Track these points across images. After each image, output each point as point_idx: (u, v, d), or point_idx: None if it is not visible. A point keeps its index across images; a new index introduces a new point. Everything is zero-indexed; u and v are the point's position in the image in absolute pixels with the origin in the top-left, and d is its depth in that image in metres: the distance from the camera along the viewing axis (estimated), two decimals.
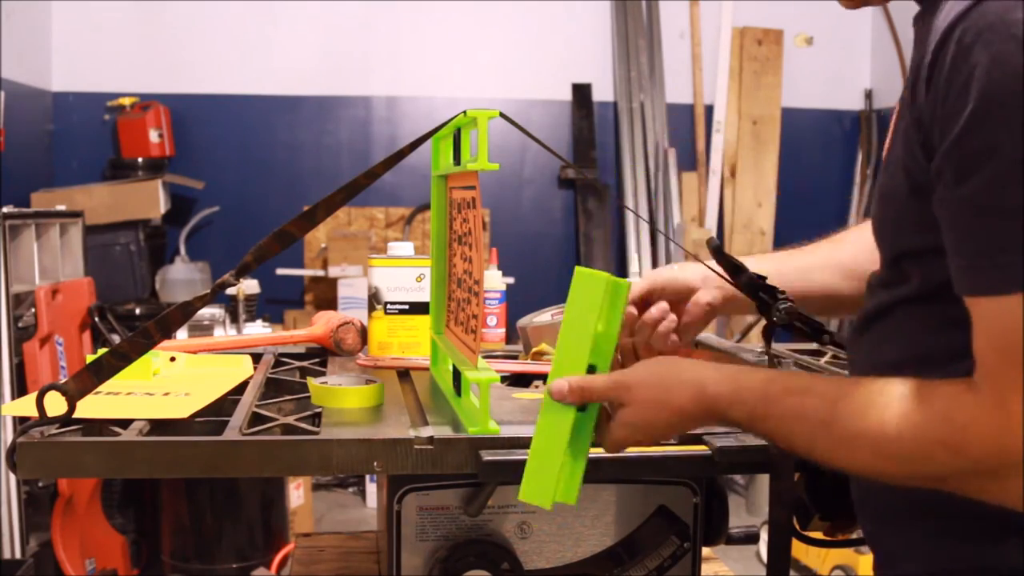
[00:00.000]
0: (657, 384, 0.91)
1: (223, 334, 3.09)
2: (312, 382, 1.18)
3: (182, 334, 2.80)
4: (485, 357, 1.43)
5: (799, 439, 0.84)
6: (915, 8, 0.88)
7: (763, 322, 1.27)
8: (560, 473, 0.92)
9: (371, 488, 4.36)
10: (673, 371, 0.92)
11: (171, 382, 1.25)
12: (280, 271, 4.64)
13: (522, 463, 0.96)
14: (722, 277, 1.18)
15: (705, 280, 1.17)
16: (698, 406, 0.90)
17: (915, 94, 0.78)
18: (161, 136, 4.61)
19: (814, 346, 1.38)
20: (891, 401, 0.78)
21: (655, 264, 4.92)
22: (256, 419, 1.08)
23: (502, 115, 1.06)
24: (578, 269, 0.96)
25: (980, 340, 0.74)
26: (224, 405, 1.17)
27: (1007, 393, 0.71)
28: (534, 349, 1.47)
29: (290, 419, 1.07)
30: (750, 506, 4.26)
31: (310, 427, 1.04)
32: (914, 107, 0.78)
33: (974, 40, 0.71)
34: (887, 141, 0.93)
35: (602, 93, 5.12)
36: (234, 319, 3.21)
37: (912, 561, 0.88)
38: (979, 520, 0.82)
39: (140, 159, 4.57)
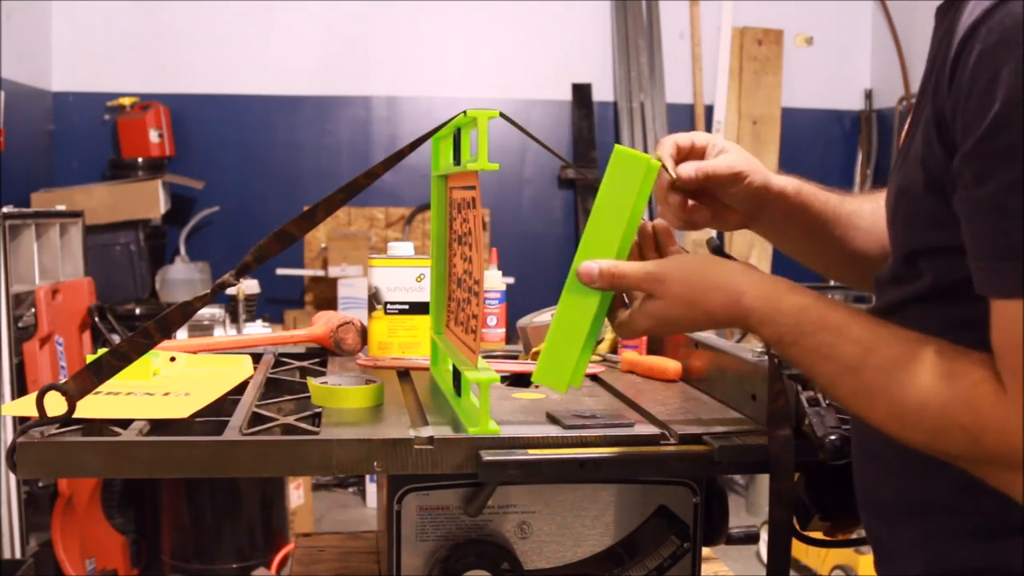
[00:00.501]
0: (692, 283, 0.91)
1: (223, 334, 3.09)
2: (312, 382, 1.18)
3: (182, 334, 2.80)
4: (485, 357, 1.43)
5: (822, 376, 0.85)
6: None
7: None
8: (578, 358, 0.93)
9: (371, 488, 4.36)
10: (709, 272, 0.91)
11: (171, 382, 1.25)
12: (280, 271, 4.64)
13: (522, 463, 0.96)
14: None
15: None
16: (728, 314, 0.89)
17: (936, 89, 0.78)
18: (161, 136, 4.61)
19: None
20: (921, 368, 0.77)
21: None
22: (256, 419, 1.08)
23: (502, 115, 1.06)
24: (617, 148, 0.95)
25: (999, 338, 0.74)
26: (224, 405, 1.17)
27: None
28: (534, 349, 1.47)
29: (290, 419, 1.07)
30: (750, 506, 4.26)
31: (310, 427, 1.04)
32: (935, 103, 0.78)
33: (999, 40, 0.71)
34: (902, 136, 0.92)
35: (602, 93, 5.12)
36: (234, 319, 3.21)
37: (912, 560, 0.88)
38: (980, 520, 0.81)
39: (140, 159, 4.57)
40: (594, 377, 1.35)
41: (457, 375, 1.12)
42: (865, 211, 1.11)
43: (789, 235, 1.13)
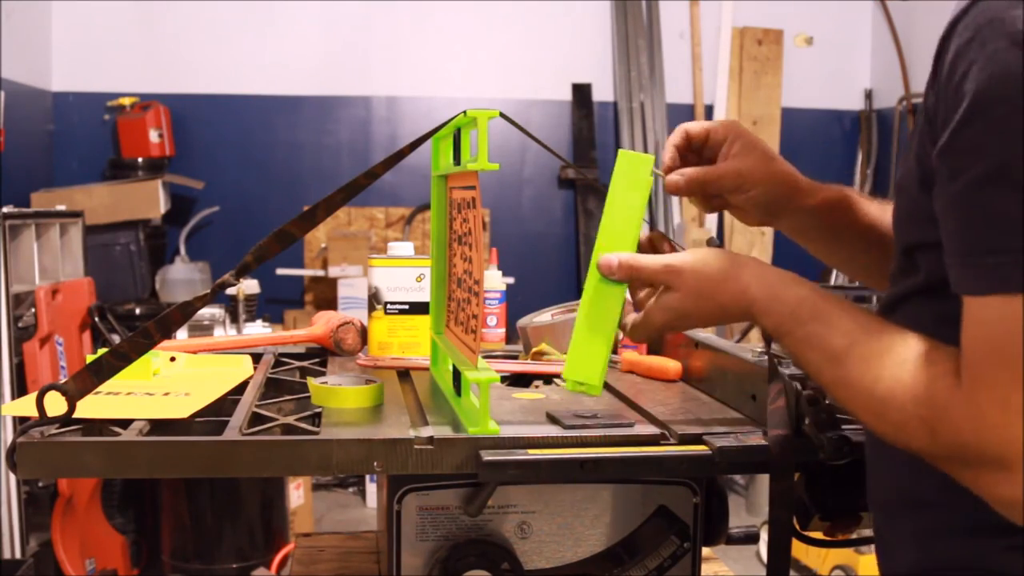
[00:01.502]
0: (707, 275, 0.93)
1: (223, 334, 3.09)
2: (312, 382, 1.18)
3: (182, 334, 2.80)
4: (485, 357, 1.44)
5: (810, 365, 0.88)
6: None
7: None
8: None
9: (371, 488, 4.36)
10: (723, 265, 0.94)
11: (171, 382, 1.25)
12: (280, 271, 4.64)
13: (522, 463, 0.96)
14: None
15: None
16: (737, 306, 0.92)
17: (927, 86, 0.79)
18: (161, 136, 4.62)
19: None
20: (895, 361, 0.79)
21: None
22: (256, 419, 1.08)
23: (502, 115, 1.06)
24: (621, 152, 1.01)
25: (964, 334, 0.75)
26: (224, 405, 1.16)
27: (980, 387, 0.72)
28: (534, 349, 1.47)
29: (290, 419, 1.07)
30: (750, 506, 4.26)
31: (310, 427, 1.04)
32: (925, 99, 0.80)
33: (972, 37, 0.72)
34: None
35: (602, 93, 5.12)
36: (234, 319, 3.21)
37: (907, 555, 0.88)
38: (962, 518, 0.81)
39: (140, 159, 4.57)
40: None
41: (457, 375, 1.12)
42: None
43: (823, 243, 1.15)
